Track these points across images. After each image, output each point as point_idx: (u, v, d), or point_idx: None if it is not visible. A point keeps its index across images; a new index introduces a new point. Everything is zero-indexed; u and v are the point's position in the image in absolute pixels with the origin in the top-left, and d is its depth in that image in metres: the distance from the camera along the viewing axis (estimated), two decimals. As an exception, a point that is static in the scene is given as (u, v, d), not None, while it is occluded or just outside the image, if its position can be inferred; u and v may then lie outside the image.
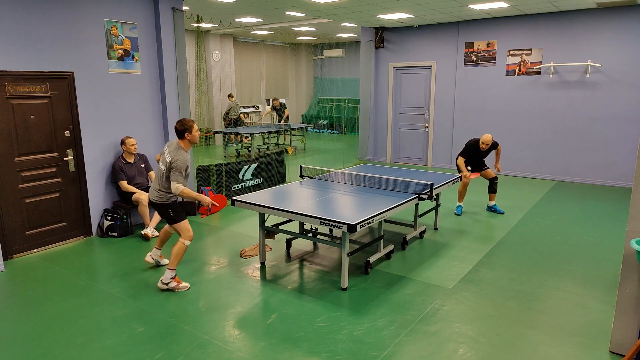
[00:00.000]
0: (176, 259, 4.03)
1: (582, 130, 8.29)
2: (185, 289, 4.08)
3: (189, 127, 4.00)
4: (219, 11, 9.08)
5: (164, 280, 4.04)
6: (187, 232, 4.09)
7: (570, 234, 5.58)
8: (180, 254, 4.04)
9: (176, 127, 4.00)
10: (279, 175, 8.18)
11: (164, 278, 4.04)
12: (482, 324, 3.53)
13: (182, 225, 4.09)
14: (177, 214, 4.08)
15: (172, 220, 4.09)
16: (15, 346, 3.25)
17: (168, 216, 4.10)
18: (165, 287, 4.05)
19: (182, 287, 4.08)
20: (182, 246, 4.04)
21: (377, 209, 4.07)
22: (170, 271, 4.04)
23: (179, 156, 3.89)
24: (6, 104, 4.70)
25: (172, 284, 4.04)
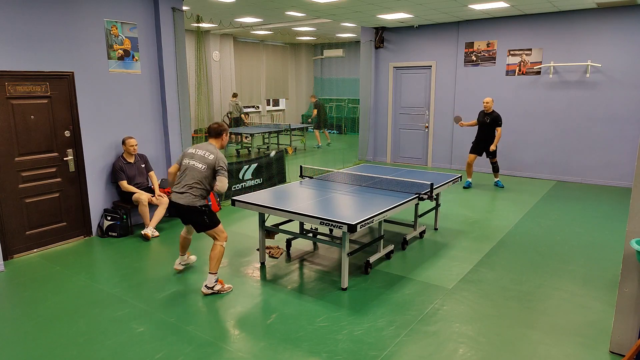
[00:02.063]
0: (218, 262, 3.95)
1: (582, 130, 8.29)
2: (230, 290, 4.04)
3: (225, 129, 4.07)
4: (219, 11, 9.08)
5: (209, 285, 3.96)
6: (223, 234, 4.03)
7: (570, 234, 5.58)
8: (220, 257, 3.96)
9: (214, 128, 4.00)
10: (279, 175, 8.17)
11: (208, 282, 3.96)
12: (482, 324, 3.53)
13: (218, 228, 4.01)
14: (212, 219, 3.99)
15: (208, 226, 3.97)
16: (15, 346, 3.25)
17: (203, 222, 3.96)
18: (210, 291, 3.96)
19: (227, 289, 4.03)
20: (221, 249, 3.98)
21: (377, 209, 4.07)
22: (213, 275, 3.95)
23: (222, 155, 3.93)
24: (6, 104, 4.70)
25: (217, 286, 3.98)
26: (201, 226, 3.97)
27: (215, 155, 3.88)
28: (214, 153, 3.90)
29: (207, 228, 3.97)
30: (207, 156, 3.89)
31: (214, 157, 3.88)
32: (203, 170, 3.87)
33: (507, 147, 9.02)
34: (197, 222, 3.95)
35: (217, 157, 3.88)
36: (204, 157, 3.89)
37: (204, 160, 3.89)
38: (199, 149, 3.95)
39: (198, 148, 3.96)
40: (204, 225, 3.96)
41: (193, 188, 3.87)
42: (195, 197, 3.87)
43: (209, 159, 3.88)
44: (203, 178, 3.88)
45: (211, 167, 3.87)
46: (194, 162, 3.90)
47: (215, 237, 4.01)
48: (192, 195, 3.87)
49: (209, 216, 3.97)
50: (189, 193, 3.87)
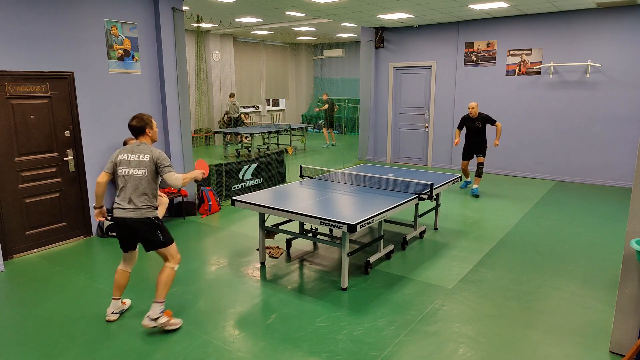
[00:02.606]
0: (165, 289, 3.38)
1: (582, 130, 8.29)
2: (176, 326, 3.42)
3: (149, 121, 3.43)
4: (219, 11, 9.07)
5: (152, 316, 3.33)
6: (177, 255, 3.49)
7: (570, 234, 5.58)
8: (170, 282, 3.41)
9: (132, 124, 3.38)
10: (279, 175, 8.18)
11: (152, 313, 3.33)
12: (482, 324, 3.53)
13: (172, 247, 3.45)
14: (166, 235, 3.43)
15: (160, 244, 3.39)
16: (15, 346, 3.25)
17: (155, 239, 3.37)
18: (153, 323, 3.33)
19: (173, 324, 3.40)
20: (172, 273, 3.42)
21: (377, 209, 4.07)
22: (158, 304, 3.34)
23: (157, 150, 3.38)
24: (6, 104, 4.70)
25: (162, 319, 3.36)
26: (153, 243, 3.38)
27: (150, 155, 3.33)
28: (147, 152, 3.34)
29: (160, 246, 3.38)
30: (142, 159, 3.33)
31: (149, 157, 3.33)
32: (145, 176, 3.32)
33: (507, 147, 9.02)
34: (149, 238, 3.36)
35: (153, 155, 3.33)
36: (140, 160, 3.33)
37: (141, 164, 3.33)
38: (131, 153, 3.36)
39: (129, 152, 3.36)
40: (157, 242, 3.37)
41: (140, 198, 3.32)
42: (146, 209, 3.33)
43: (145, 161, 3.32)
44: (147, 185, 3.34)
45: (151, 168, 3.33)
46: (132, 170, 3.33)
47: (167, 257, 3.43)
48: (142, 207, 3.32)
49: (163, 232, 3.41)
50: (137, 205, 3.31)
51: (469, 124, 7.50)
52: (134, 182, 3.32)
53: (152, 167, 3.33)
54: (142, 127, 3.40)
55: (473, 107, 7.33)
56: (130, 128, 3.41)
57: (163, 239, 3.40)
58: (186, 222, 6.17)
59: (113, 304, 3.62)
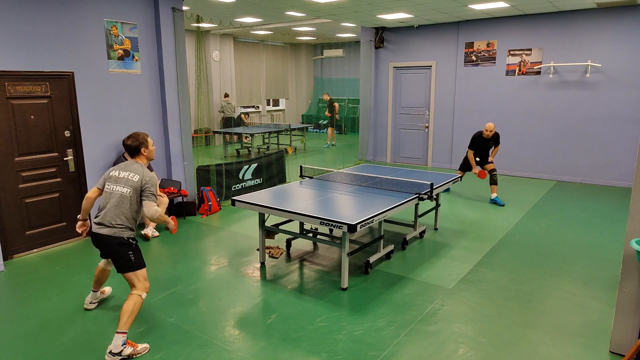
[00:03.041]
0: (130, 319, 3.11)
1: (582, 130, 8.29)
2: (145, 352, 3.16)
3: (143, 141, 3.36)
4: (219, 11, 9.08)
5: (114, 350, 3.03)
6: (145, 282, 3.28)
7: (571, 234, 5.58)
8: (135, 312, 3.15)
9: (127, 144, 3.32)
10: (279, 175, 8.18)
11: (114, 346, 3.04)
12: (482, 324, 3.53)
13: (141, 273, 3.26)
14: (138, 259, 3.27)
15: (129, 267, 3.22)
16: (15, 346, 3.25)
17: (127, 260, 3.20)
18: (118, 358, 3.04)
19: (141, 351, 3.14)
20: (139, 300, 3.19)
21: (377, 209, 4.07)
22: (120, 335, 3.06)
23: (149, 173, 3.27)
24: (6, 104, 4.70)
25: (128, 349, 3.07)
26: (123, 264, 3.22)
27: (140, 176, 3.23)
28: (138, 173, 3.24)
29: (128, 269, 3.21)
30: (131, 177, 3.24)
31: (138, 179, 3.22)
32: (128, 195, 3.22)
33: (507, 147, 9.02)
34: (120, 257, 3.21)
35: (143, 178, 3.22)
36: (128, 179, 3.24)
37: (128, 183, 3.24)
38: (123, 170, 3.29)
39: (121, 169, 3.30)
40: (127, 263, 3.21)
41: (118, 217, 3.20)
42: (122, 228, 3.21)
43: (133, 181, 3.22)
44: (129, 205, 3.23)
45: (137, 190, 3.22)
46: (119, 187, 3.24)
47: (135, 283, 3.23)
48: (116, 226, 3.20)
49: (135, 254, 3.25)
50: (113, 222, 3.19)
51: (481, 142, 6.94)
52: (115, 199, 3.22)
53: (137, 188, 3.23)
54: (137, 147, 3.34)
55: (491, 130, 6.77)
56: (126, 147, 3.35)
57: (134, 261, 3.23)
58: (186, 222, 6.17)
59: (92, 294, 3.79)
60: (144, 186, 3.21)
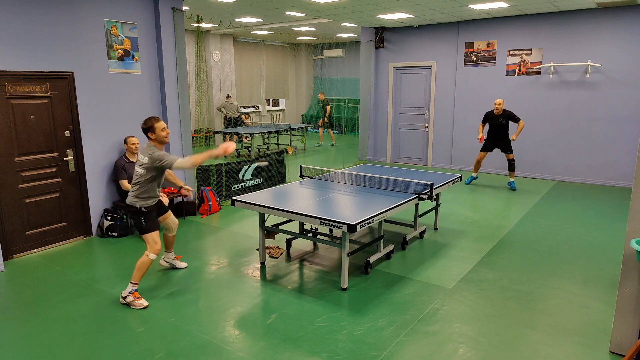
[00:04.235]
0: (138, 272, 3.80)
1: (582, 130, 8.29)
2: (140, 307, 3.76)
3: (150, 125, 3.80)
4: (219, 11, 9.08)
5: (123, 294, 3.82)
6: (154, 245, 3.87)
7: (570, 234, 5.58)
8: (143, 268, 3.82)
9: (142, 127, 3.87)
10: (279, 175, 8.18)
11: (124, 291, 3.83)
12: (482, 324, 3.53)
13: (150, 236, 3.87)
14: (149, 223, 3.89)
15: (143, 230, 3.88)
16: (15, 346, 3.25)
17: (140, 224, 3.90)
18: (122, 301, 3.83)
19: (137, 305, 3.77)
20: (147, 260, 3.83)
21: (377, 209, 4.07)
22: (131, 285, 3.80)
23: (157, 153, 3.77)
24: (6, 104, 4.70)
25: (129, 298, 3.79)
26: (138, 228, 3.91)
27: (149, 157, 3.76)
28: (147, 154, 3.78)
29: (142, 231, 3.88)
30: (142, 160, 3.81)
31: (148, 159, 3.77)
32: (143, 174, 3.80)
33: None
34: (135, 222, 3.91)
35: (152, 158, 3.75)
36: (141, 161, 3.82)
37: (141, 164, 3.83)
38: (141, 153, 3.89)
39: (141, 152, 3.90)
40: (140, 227, 3.88)
41: (134, 190, 3.85)
42: (135, 197, 3.84)
43: (145, 162, 3.79)
44: (144, 180, 3.81)
45: (150, 168, 3.78)
46: (136, 168, 3.87)
47: (147, 244, 3.89)
48: (132, 196, 3.85)
49: (146, 220, 3.87)
50: (133, 194, 3.85)
51: (493, 121, 7.66)
52: (135, 178, 3.86)
53: (150, 167, 3.78)
54: (145, 130, 3.83)
55: (499, 104, 7.47)
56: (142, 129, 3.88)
57: (145, 225, 3.87)
58: (186, 222, 6.17)
59: (165, 254, 4.54)
60: (155, 163, 3.75)
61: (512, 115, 7.52)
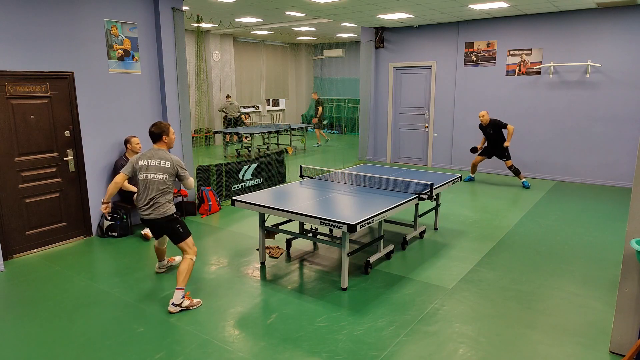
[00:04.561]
0: (186, 277, 3.75)
1: (582, 130, 8.29)
2: (199, 305, 3.81)
3: (166, 129, 3.81)
4: (219, 11, 9.08)
5: (175, 302, 3.69)
6: (194, 248, 3.89)
7: (570, 234, 5.58)
8: (189, 271, 3.78)
9: (152, 131, 3.78)
10: (279, 175, 8.18)
11: (175, 299, 3.70)
12: (482, 324, 3.53)
13: (189, 241, 3.87)
14: (185, 229, 3.88)
15: (180, 237, 3.83)
16: (15, 346, 3.25)
17: (176, 232, 3.83)
18: (178, 308, 3.70)
19: (196, 304, 3.80)
20: (191, 263, 3.81)
21: (377, 209, 4.07)
22: (180, 291, 3.71)
23: (175, 158, 3.79)
24: (6, 104, 4.70)
25: (186, 302, 3.74)
26: (174, 237, 3.84)
27: (171, 162, 3.75)
28: (168, 159, 3.75)
29: (180, 239, 3.83)
30: (163, 164, 3.74)
31: (170, 164, 3.74)
32: (165, 180, 3.75)
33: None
34: (172, 231, 3.83)
35: (174, 162, 3.76)
36: (161, 166, 3.74)
37: (161, 170, 3.74)
38: (151, 158, 3.76)
39: (148, 158, 3.76)
40: (177, 235, 3.83)
41: (161, 199, 3.75)
42: (166, 206, 3.78)
43: (166, 167, 3.74)
44: (167, 187, 3.77)
45: (171, 174, 3.76)
46: (153, 175, 3.73)
47: (186, 250, 3.84)
48: (161, 206, 3.76)
49: (182, 225, 3.87)
50: (159, 205, 3.75)
51: (484, 132, 8.01)
52: (153, 185, 3.73)
53: (172, 172, 3.77)
54: (159, 134, 3.78)
55: (483, 116, 7.78)
56: (150, 134, 3.80)
57: (182, 232, 3.84)
58: (186, 222, 6.16)
59: (159, 263, 4.49)
60: (176, 168, 3.76)
61: (497, 124, 7.77)
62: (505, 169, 9.11)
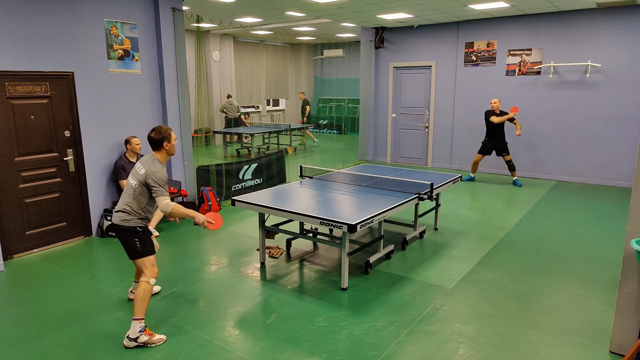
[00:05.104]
0: (143, 305, 3.18)
1: (582, 130, 8.29)
2: (161, 342, 3.23)
3: (167, 135, 3.31)
4: (219, 11, 9.08)
5: (131, 335, 3.16)
6: (153, 269, 3.30)
7: (570, 234, 5.58)
8: (147, 298, 3.21)
9: (151, 136, 3.30)
10: (279, 176, 8.18)
11: (131, 332, 3.16)
12: (482, 324, 3.53)
13: (148, 260, 3.29)
14: (144, 246, 3.30)
15: (137, 254, 3.28)
16: (15, 346, 3.25)
17: (133, 247, 3.27)
18: (134, 343, 3.16)
19: (157, 341, 3.22)
20: (148, 287, 3.23)
21: (377, 209, 4.07)
22: (137, 322, 3.17)
23: (156, 167, 3.22)
24: (6, 104, 4.70)
25: (143, 337, 3.17)
26: (130, 252, 3.30)
27: (146, 169, 3.20)
28: (145, 166, 3.23)
29: (136, 255, 3.28)
30: (138, 170, 3.26)
31: (144, 172, 3.21)
32: (135, 187, 3.25)
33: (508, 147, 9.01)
34: (127, 244, 3.29)
35: (148, 172, 3.19)
36: (137, 171, 3.28)
37: (135, 175, 3.28)
38: (139, 162, 3.33)
39: (139, 162, 3.34)
40: (133, 250, 3.28)
41: (126, 205, 3.27)
42: (127, 215, 3.25)
43: (139, 173, 3.24)
44: (135, 196, 3.24)
45: (142, 183, 3.21)
46: (130, 178, 3.32)
47: (142, 270, 3.28)
48: (123, 213, 3.26)
49: (142, 241, 3.29)
50: (121, 211, 3.27)
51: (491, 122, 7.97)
52: (125, 189, 3.33)
53: (142, 182, 3.22)
54: (159, 140, 3.30)
55: (496, 102, 7.94)
56: (149, 139, 3.33)
57: (140, 249, 3.28)
58: (186, 222, 6.17)
59: (133, 285, 3.89)
60: (147, 179, 3.19)
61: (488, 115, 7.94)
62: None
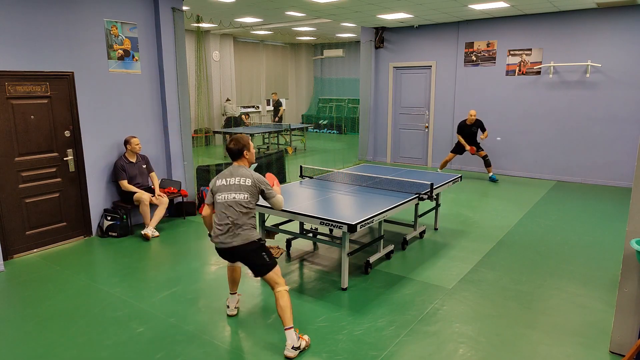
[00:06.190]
0: (289, 312, 3.15)
1: (582, 130, 8.29)
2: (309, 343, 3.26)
3: (246, 143, 3.32)
4: (219, 11, 9.08)
5: (295, 345, 3.10)
6: (281, 277, 3.29)
7: (570, 234, 5.58)
8: (290, 305, 3.18)
9: (230, 147, 3.30)
10: (279, 175, 8.18)
11: (293, 342, 3.11)
12: (482, 324, 3.53)
13: (278, 269, 3.27)
14: (270, 256, 3.28)
15: (268, 266, 3.23)
16: (15, 346, 3.25)
17: (262, 261, 3.23)
18: (297, 352, 3.12)
19: (309, 341, 3.25)
20: (287, 295, 3.20)
21: (377, 209, 4.07)
22: (291, 330, 3.12)
23: (257, 175, 3.29)
24: (6, 104, 4.70)
25: (301, 343, 3.17)
26: (260, 267, 3.24)
27: (252, 179, 3.24)
28: (249, 177, 3.25)
29: (268, 268, 3.23)
30: (244, 182, 3.24)
31: (251, 181, 3.24)
32: (245, 200, 3.22)
33: (508, 147, 9.02)
34: (256, 261, 3.24)
35: (255, 180, 3.25)
36: (242, 184, 3.24)
37: (242, 188, 3.23)
38: (231, 177, 3.27)
39: (228, 177, 3.28)
40: (264, 265, 3.23)
41: (244, 222, 3.23)
42: (248, 231, 3.24)
43: (247, 185, 3.23)
44: (248, 209, 3.25)
45: (254, 192, 3.25)
46: (234, 195, 3.22)
47: (276, 281, 3.23)
48: (245, 231, 3.23)
49: (267, 251, 3.29)
50: (241, 229, 3.22)
51: (467, 130, 8.50)
52: (235, 207, 3.21)
53: (254, 191, 3.25)
54: (240, 150, 3.31)
55: (473, 115, 8.32)
56: (229, 150, 3.32)
57: (269, 261, 3.25)
58: (186, 222, 6.17)
59: (231, 298, 3.71)
60: (259, 187, 3.26)
61: (482, 124, 8.40)
62: (507, 169, 9.11)
